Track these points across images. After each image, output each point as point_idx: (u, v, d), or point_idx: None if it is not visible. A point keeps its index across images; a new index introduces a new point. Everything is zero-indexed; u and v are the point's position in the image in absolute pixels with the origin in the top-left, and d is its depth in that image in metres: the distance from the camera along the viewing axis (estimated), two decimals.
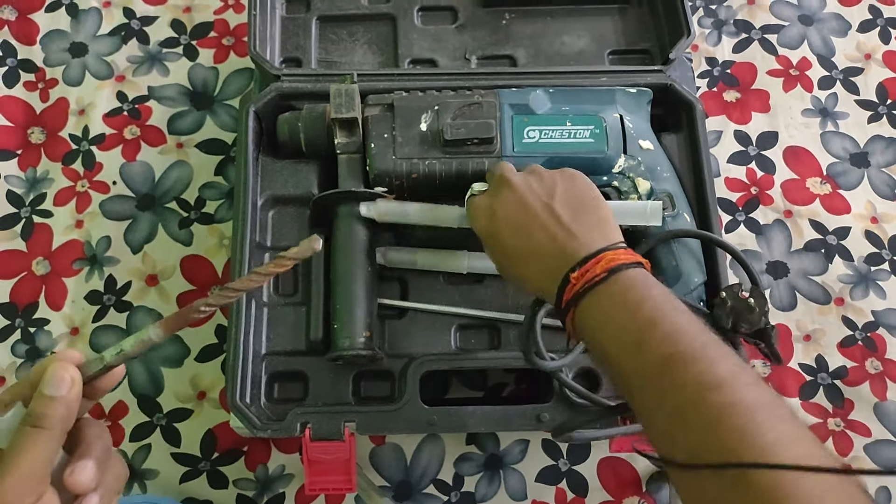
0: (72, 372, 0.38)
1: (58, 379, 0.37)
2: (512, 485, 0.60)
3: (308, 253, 0.39)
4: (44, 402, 0.37)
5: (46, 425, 0.37)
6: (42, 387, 0.37)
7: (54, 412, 0.37)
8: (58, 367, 0.38)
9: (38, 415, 0.37)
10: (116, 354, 0.38)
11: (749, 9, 0.76)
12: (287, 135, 0.59)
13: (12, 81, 0.73)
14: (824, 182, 0.70)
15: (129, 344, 0.38)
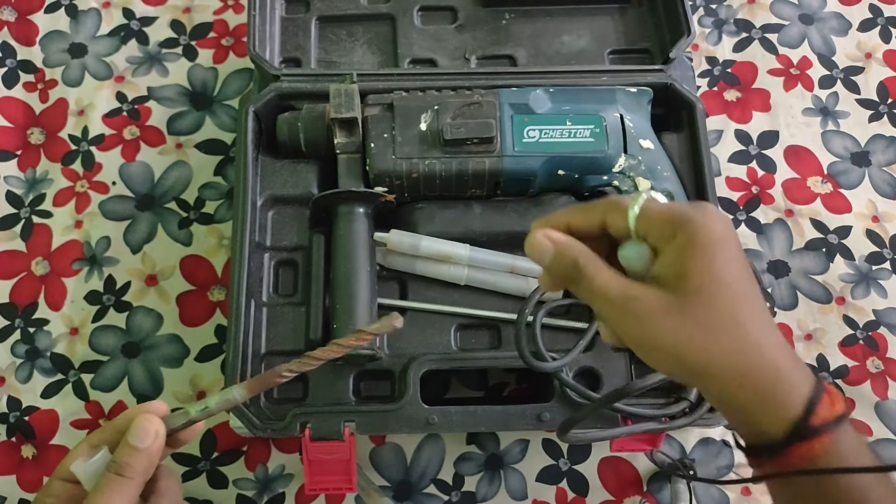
0: (156, 425, 0.41)
1: (143, 431, 0.40)
2: (512, 484, 0.60)
3: (388, 329, 0.42)
4: (128, 452, 0.40)
5: (129, 474, 0.40)
6: (128, 436, 0.40)
7: (137, 463, 0.40)
8: (143, 420, 0.41)
9: (122, 464, 0.40)
10: (201, 411, 0.42)
11: (749, 8, 0.76)
12: (286, 135, 0.58)
13: (12, 82, 0.73)
14: (825, 181, 0.70)
15: (214, 402, 0.42)
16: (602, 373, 0.55)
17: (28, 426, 0.62)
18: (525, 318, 0.52)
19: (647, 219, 0.36)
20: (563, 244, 0.37)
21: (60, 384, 0.63)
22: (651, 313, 0.34)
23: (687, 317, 0.34)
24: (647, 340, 0.35)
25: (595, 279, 0.36)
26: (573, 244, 0.37)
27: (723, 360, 0.34)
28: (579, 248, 0.37)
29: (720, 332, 0.34)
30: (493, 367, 0.60)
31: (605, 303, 0.36)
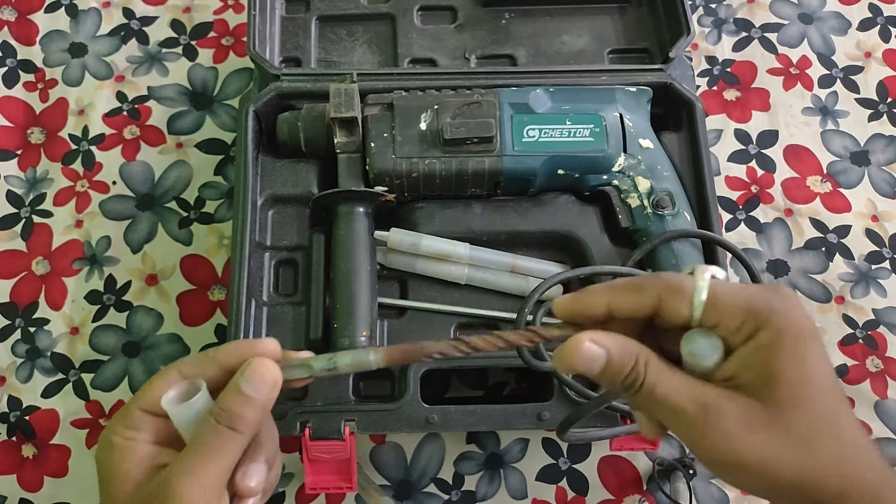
0: (274, 373, 0.35)
1: (260, 379, 0.34)
2: (512, 483, 0.60)
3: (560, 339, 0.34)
4: (240, 401, 0.34)
5: (241, 428, 0.34)
6: (242, 382, 0.34)
7: (252, 416, 0.34)
8: (261, 366, 0.35)
9: (234, 415, 0.34)
10: (328, 369, 0.35)
11: (749, 7, 0.76)
12: (287, 134, 0.58)
13: (12, 82, 0.73)
14: (825, 180, 0.70)
15: (344, 363, 0.35)
16: None
17: (28, 426, 0.62)
18: (525, 317, 0.52)
19: (718, 308, 0.30)
20: (618, 348, 0.31)
21: (61, 384, 0.63)
22: (734, 427, 0.29)
23: (778, 428, 0.29)
24: (728, 458, 0.29)
25: (658, 386, 0.30)
26: (629, 345, 0.31)
27: (821, 474, 0.29)
28: (636, 349, 0.31)
29: (817, 444, 0.29)
30: (492, 367, 0.60)
31: (671, 414, 0.30)
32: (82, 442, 0.61)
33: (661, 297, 0.31)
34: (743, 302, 0.30)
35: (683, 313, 0.30)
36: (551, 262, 0.59)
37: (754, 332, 0.29)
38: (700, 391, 0.30)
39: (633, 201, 0.57)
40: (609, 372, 0.31)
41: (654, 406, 0.31)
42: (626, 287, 0.31)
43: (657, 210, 0.57)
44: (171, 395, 0.35)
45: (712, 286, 0.30)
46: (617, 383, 0.31)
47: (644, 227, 0.57)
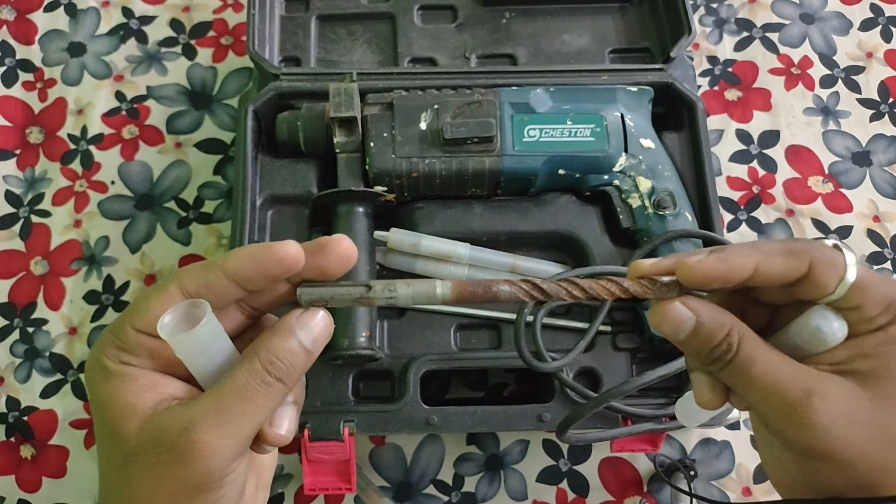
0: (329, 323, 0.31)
1: (318, 327, 0.30)
2: (512, 485, 0.60)
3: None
4: (296, 353, 0.30)
5: (290, 381, 0.30)
6: (298, 329, 0.30)
7: (303, 368, 0.30)
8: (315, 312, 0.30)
9: (286, 367, 0.29)
10: (387, 298, 0.30)
11: (750, 7, 0.76)
12: (286, 134, 0.58)
13: (10, 81, 0.73)
14: (826, 181, 0.69)
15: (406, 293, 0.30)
16: (602, 373, 0.55)
17: (27, 426, 0.61)
18: (524, 317, 0.52)
19: (863, 291, 0.28)
20: (710, 316, 0.29)
21: (59, 384, 0.63)
22: (837, 417, 0.28)
23: (878, 425, 0.28)
24: (820, 447, 0.28)
25: (756, 363, 0.29)
26: (723, 316, 0.29)
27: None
28: (731, 321, 0.29)
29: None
30: (493, 367, 0.60)
31: (766, 394, 0.28)
32: (81, 442, 0.61)
33: (814, 265, 0.28)
34: (889, 292, 0.29)
35: (830, 287, 0.28)
36: (552, 263, 0.58)
37: (888, 323, 0.28)
38: (804, 374, 0.28)
39: (634, 201, 0.57)
40: (697, 339, 0.29)
41: (745, 383, 0.29)
42: (779, 250, 0.29)
43: (658, 210, 0.56)
44: (167, 321, 0.29)
45: (861, 270, 0.29)
46: (703, 352, 0.29)
47: (645, 228, 0.57)
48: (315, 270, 0.31)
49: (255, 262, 0.29)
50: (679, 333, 0.29)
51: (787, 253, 0.29)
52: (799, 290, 0.30)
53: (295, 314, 0.31)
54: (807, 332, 0.29)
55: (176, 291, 0.30)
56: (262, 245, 0.30)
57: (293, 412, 0.32)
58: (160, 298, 0.30)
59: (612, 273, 0.55)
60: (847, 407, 0.28)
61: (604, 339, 0.56)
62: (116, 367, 0.30)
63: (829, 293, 0.29)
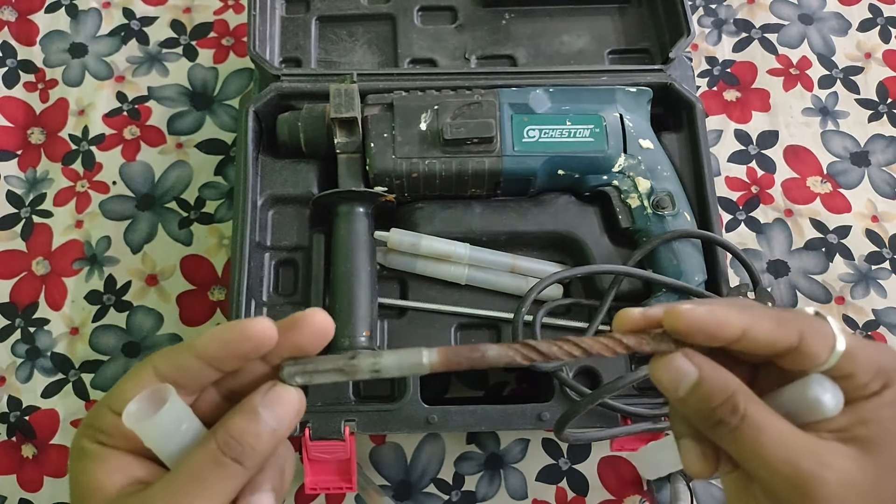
0: (300, 399, 0.29)
1: (283, 405, 0.28)
2: (512, 484, 0.60)
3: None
4: (257, 432, 0.28)
5: (249, 463, 0.28)
6: (260, 407, 0.28)
7: (266, 448, 0.28)
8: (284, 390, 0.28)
9: (246, 447, 0.28)
10: (373, 371, 0.29)
11: (749, 8, 0.76)
12: (287, 135, 0.58)
13: (12, 82, 0.73)
14: (825, 181, 0.70)
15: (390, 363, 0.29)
16: (602, 372, 0.55)
17: (28, 426, 0.62)
18: (522, 316, 0.52)
19: (853, 359, 0.28)
20: (713, 373, 0.28)
21: (61, 384, 0.63)
22: (846, 488, 0.27)
23: (878, 492, 0.27)
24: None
25: (767, 430, 0.27)
26: (726, 375, 0.28)
27: None
28: (735, 382, 0.28)
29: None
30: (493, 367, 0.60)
31: (778, 465, 0.27)
32: None
33: (803, 335, 0.28)
34: (877, 358, 0.28)
35: (821, 357, 0.28)
36: (551, 263, 0.59)
37: (881, 389, 0.28)
38: (814, 444, 0.27)
39: (633, 202, 0.57)
40: (697, 397, 0.28)
41: (751, 452, 0.27)
42: (770, 317, 0.28)
43: (657, 210, 0.57)
44: (132, 409, 0.28)
45: (849, 338, 0.28)
46: (703, 412, 0.28)
47: (644, 228, 0.57)
48: (291, 347, 0.29)
49: (223, 343, 0.28)
50: (679, 389, 0.28)
51: (777, 321, 0.28)
52: (786, 361, 0.29)
53: (262, 390, 0.29)
54: (804, 401, 0.28)
55: (150, 376, 0.29)
56: (233, 324, 0.29)
57: (268, 500, 0.29)
58: (135, 382, 0.29)
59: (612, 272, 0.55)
60: (854, 477, 0.27)
61: None
62: (91, 446, 0.30)
63: (821, 363, 0.28)
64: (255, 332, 0.28)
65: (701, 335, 0.28)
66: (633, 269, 0.55)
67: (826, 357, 0.28)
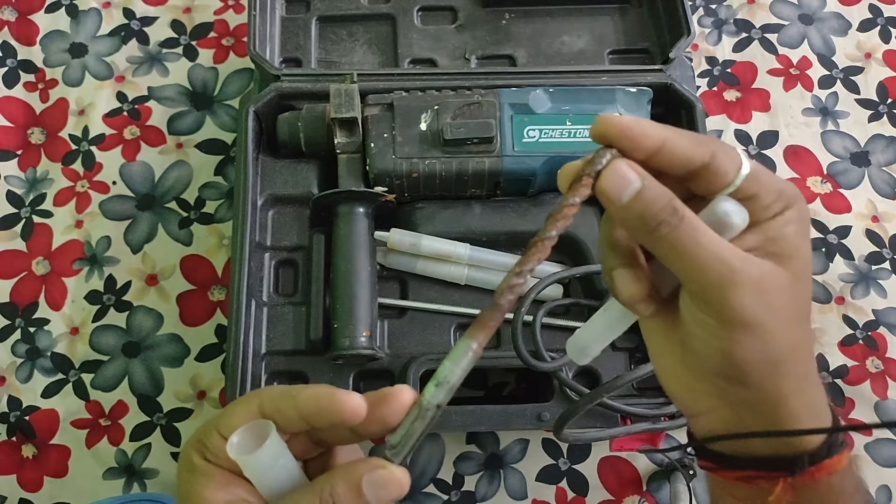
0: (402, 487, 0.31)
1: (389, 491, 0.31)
2: (512, 484, 0.60)
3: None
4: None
5: None
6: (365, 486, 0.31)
7: None
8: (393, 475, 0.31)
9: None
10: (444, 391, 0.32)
11: (749, 8, 0.76)
12: (287, 135, 0.59)
13: (12, 82, 0.73)
14: (825, 181, 0.70)
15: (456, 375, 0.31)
16: (601, 372, 0.55)
17: (28, 426, 0.62)
18: (521, 316, 0.52)
19: (760, 182, 0.31)
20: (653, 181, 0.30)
21: (61, 384, 0.63)
22: (769, 287, 0.30)
23: (792, 297, 0.30)
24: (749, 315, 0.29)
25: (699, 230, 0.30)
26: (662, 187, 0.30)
27: (804, 353, 0.32)
28: (669, 192, 0.30)
29: (807, 321, 0.32)
30: (492, 367, 0.60)
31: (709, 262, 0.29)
32: (82, 442, 0.61)
33: (714, 154, 0.30)
34: (778, 183, 0.31)
35: (729, 176, 0.30)
36: (551, 263, 0.59)
37: (782, 210, 0.31)
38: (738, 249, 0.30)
39: None
40: (640, 203, 0.30)
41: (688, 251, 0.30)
42: (684, 133, 0.31)
43: None
44: (234, 441, 0.31)
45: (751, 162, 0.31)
46: (646, 216, 0.30)
47: None
48: (377, 422, 0.32)
49: (319, 409, 0.32)
50: (624, 196, 0.30)
51: (694, 138, 0.31)
52: (700, 183, 0.31)
53: (371, 466, 0.31)
54: (713, 219, 0.31)
55: (256, 408, 0.33)
56: (330, 392, 0.32)
57: None
58: (243, 412, 0.33)
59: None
60: (775, 279, 0.30)
61: None
62: (200, 462, 0.33)
63: (729, 182, 0.31)
64: (347, 407, 0.31)
65: (626, 140, 0.30)
66: None
67: (733, 177, 0.30)
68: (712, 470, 0.35)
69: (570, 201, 0.31)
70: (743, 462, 0.33)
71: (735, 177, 0.30)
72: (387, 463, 0.31)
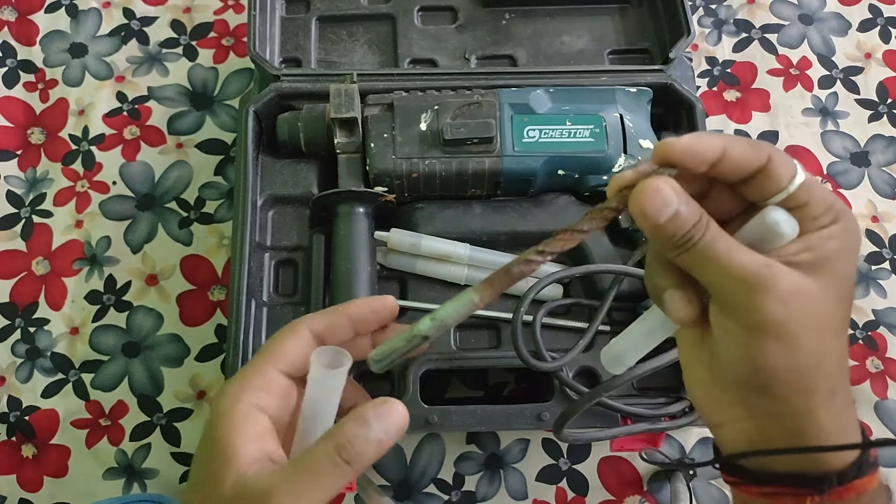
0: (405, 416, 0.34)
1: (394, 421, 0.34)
2: (512, 484, 0.60)
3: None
4: (367, 442, 0.33)
5: (357, 467, 0.33)
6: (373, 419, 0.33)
7: (374, 456, 0.33)
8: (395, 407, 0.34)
9: (357, 453, 0.33)
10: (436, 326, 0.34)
11: (749, 8, 0.76)
12: (287, 135, 0.59)
13: (12, 82, 0.73)
14: (825, 181, 0.70)
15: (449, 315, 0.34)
16: (601, 372, 0.55)
17: (28, 426, 0.62)
18: (520, 316, 0.52)
19: (810, 190, 0.31)
20: (686, 202, 0.30)
21: (61, 384, 0.63)
22: (793, 292, 0.30)
23: (820, 309, 0.30)
24: (774, 320, 0.30)
25: (721, 239, 0.30)
26: (695, 203, 0.31)
27: (833, 365, 0.31)
28: (700, 208, 0.31)
29: (839, 335, 0.31)
30: (492, 367, 0.60)
31: (731, 270, 0.30)
32: (82, 442, 0.61)
33: (772, 158, 0.31)
34: (829, 196, 0.31)
35: (784, 182, 0.31)
36: (550, 262, 0.59)
37: (829, 223, 0.31)
38: (766, 259, 0.30)
39: None
40: (675, 223, 0.30)
41: (708, 262, 0.30)
42: (744, 140, 0.31)
43: None
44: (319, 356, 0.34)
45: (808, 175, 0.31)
46: (675, 237, 0.30)
47: None
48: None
49: (372, 308, 0.38)
50: (662, 217, 0.30)
51: (750, 143, 0.31)
52: (753, 188, 0.31)
53: (374, 403, 0.34)
54: (763, 227, 0.31)
55: (307, 333, 0.36)
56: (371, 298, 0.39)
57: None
58: (294, 339, 0.35)
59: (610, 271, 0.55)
60: (800, 285, 0.30)
61: (603, 339, 0.56)
62: (244, 407, 0.34)
63: (783, 188, 0.31)
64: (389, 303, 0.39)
65: (691, 159, 0.31)
66: (633, 269, 0.55)
67: (787, 183, 0.31)
68: (736, 485, 0.35)
69: (612, 205, 0.32)
70: (768, 478, 0.33)
71: (789, 183, 0.31)
72: (387, 398, 0.34)
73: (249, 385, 0.35)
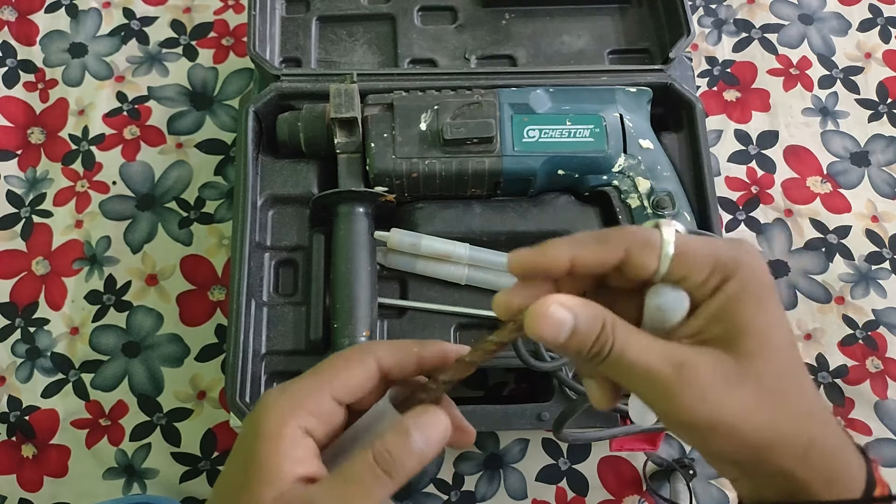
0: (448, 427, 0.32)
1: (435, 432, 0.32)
2: (512, 484, 0.60)
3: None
4: (408, 452, 0.31)
5: (398, 477, 0.31)
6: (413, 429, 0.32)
7: (413, 468, 0.32)
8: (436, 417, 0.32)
9: (396, 463, 0.31)
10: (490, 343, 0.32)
11: (749, 8, 0.76)
12: (287, 135, 0.59)
13: (12, 82, 0.73)
14: (825, 181, 0.70)
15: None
16: None
17: (28, 426, 0.62)
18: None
19: (686, 261, 0.29)
20: (584, 311, 0.29)
21: (61, 384, 0.63)
22: (709, 384, 0.28)
23: (749, 382, 0.28)
24: (702, 417, 0.28)
25: (628, 350, 0.28)
26: (595, 308, 0.29)
27: (791, 433, 0.29)
28: (601, 312, 0.29)
29: (785, 398, 0.29)
30: (492, 367, 0.60)
31: (642, 378, 0.28)
32: (82, 442, 0.61)
33: (629, 249, 0.29)
34: (710, 254, 0.29)
35: (651, 266, 0.29)
36: None
37: (721, 283, 0.29)
38: (671, 350, 0.28)
39: (633, 202, 0.57)
40: (576, 339, 0.28)
41: (622, 372, 0.29)
42: (591, 239, 0.30)
43: (657, 210, 0.57)
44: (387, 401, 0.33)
45: (678, 239, 0.29)
46: (583, 352, 0.29)
47: None
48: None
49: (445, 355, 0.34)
50: (559, 336, 0.28)
51: (598, 240, 0.30)
52: (629, 274, 0.30)
53: (414, 413, 0.32)
54: (652, 312, 0.29)
55: (373, 365, 0.33)
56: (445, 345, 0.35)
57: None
58: (361, 368, 0.33)
59: None
60: (716, 372, 0.28)
61: None
62: (293, 430, 0.32)
63: (653, 272, 0.29)
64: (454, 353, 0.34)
65: (538, 273, 0.30)
66: None
67: (656, 265, 0.29)
68: None
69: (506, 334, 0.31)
70: None
71: (659, 265, 0.29)
72: (428, 406, 0.32)
73: (301, 407, 0.32)
